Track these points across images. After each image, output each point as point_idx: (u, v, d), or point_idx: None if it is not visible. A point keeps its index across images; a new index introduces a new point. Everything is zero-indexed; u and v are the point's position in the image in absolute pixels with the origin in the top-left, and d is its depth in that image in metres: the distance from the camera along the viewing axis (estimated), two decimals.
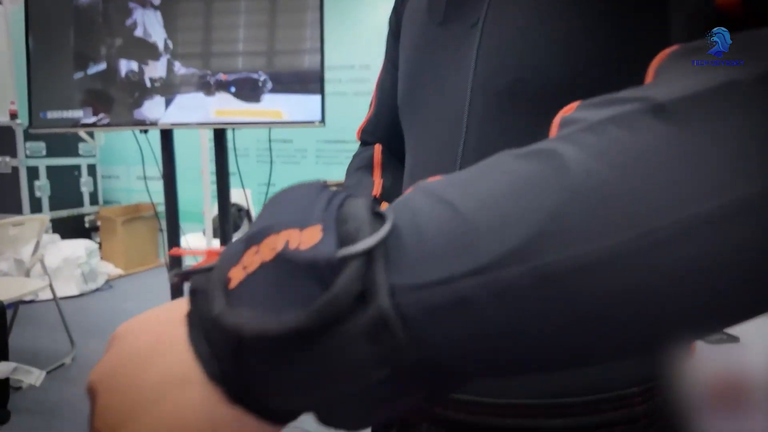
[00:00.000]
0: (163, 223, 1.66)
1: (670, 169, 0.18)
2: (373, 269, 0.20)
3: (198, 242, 3.33)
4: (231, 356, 0.21)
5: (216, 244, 3.29)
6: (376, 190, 0.58)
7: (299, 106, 1.49)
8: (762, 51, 0.21)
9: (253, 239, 0.22)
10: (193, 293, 0.23)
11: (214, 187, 3.76)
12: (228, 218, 1.68)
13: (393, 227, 0.21)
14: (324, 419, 0.22)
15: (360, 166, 0.64)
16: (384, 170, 0.62)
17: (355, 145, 0.71)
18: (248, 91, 1.48)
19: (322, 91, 1.46)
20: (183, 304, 0.25)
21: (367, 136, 0.68)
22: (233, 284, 0.21)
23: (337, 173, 3.84)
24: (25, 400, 2.06)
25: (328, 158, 3.85)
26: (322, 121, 1.48)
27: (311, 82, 1.46)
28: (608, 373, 0.43)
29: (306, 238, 0.20)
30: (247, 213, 3.47)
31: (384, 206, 0.53)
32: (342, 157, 3.81)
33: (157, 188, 1.86)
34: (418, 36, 0.50)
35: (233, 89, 1.50)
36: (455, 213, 0.20)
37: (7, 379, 1.89)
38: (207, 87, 1.51)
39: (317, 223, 0.21)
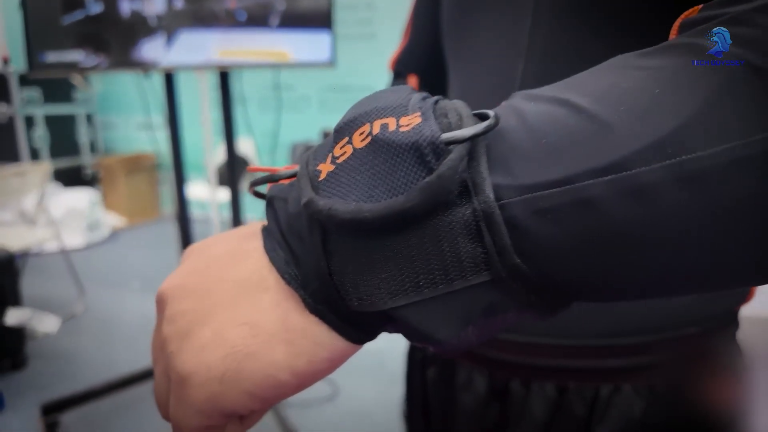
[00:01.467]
0: (164, 175, 1.63)
1: None
2: (477, 163, 0.18)
3: (201, 192, 3.30)
4: (315, 251, 0.19)
5: (221, 194, 3.26)
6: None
7: (307, 44, 1.42)
8: None
9: (344, 131, 0.19)
10: (270, 201, 0.22)
11: (217, 137, 3.71)
12: (235, 169, 1.64)
13: (498, 123, 0.18)
14: (409, 332, 0.20)
15: None
16: None
17: (360, 92, 0.66)
18: (259, 17, 1.40)
19: (330, 26, 1.38)
20: (255, 226, 0.24)
21: (401, 67, 0.63)
22: (323, 176, 0.19)
23: None
24: (40, 348, 2.09)
25: (334, 106, 3.75)
26: (332, 62, 1.41)
27: (319, 17, 1.39)
28: (663, 311, 0.42)
29: (404, 123, 0.18)
30: (247, 162, 3.42)
31: None
32: (347, 104, 3.70)
33: (157, 135, 1.81)
34: None
35: (243, 17, 1.42)
36: (578, 111, 0.18)
37: (21, 328, 1.91)
38: (212, 17, 1.42)
39: (416, 111, 0.18)
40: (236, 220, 1.67)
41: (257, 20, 1.40)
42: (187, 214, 1.70)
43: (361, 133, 0.19)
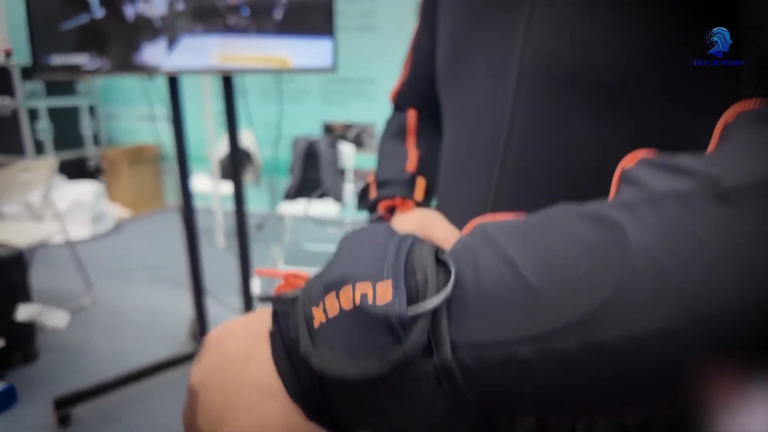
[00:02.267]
0: (167, 165, 1.66)
1: (724, 259, 0.19)
2: (439, 323, 0.23)
3: (204, 185, 3.33)
4: (313, 384, 0.25)
5: (223, 187, 3.30)
6: (411, 162, 0.57)
7: (308, 50, 1.44)
8: None
9: (333, 286, 0.24)
10: (276, 316, 0.27)
11: (219, 128, 3.73)
12: (239, 167, 1.67)
13: (456, 281, 0.23)
14: None
15: (394, 134, 0.63)
16: (419, 139, 0.61)
17: (361, 85, 0.70)
18: (262, 12, 1.42)
19: (332, 33, 1.40)
20: (265, 317, 0.28)
21: (401, 100, 0.66)
22: (316, 323, 0.24)
23: (343, 114, 3.77)
24: (50, 341, 2.15)
25: (334, 98, 3.77)
26: (334, 67, 1.44)
27: (321, 18, 1.40)
28: None
29: (380, 293, 0.23)
30: (251, 156, 3.45)
31: (420, 184, 0.52)
32: (348, 96, 3.73)
33: (159, 127, 1.83)
34: (459, 10, 0.47)
35: (246, 12, 1.43)
36: (518, 277, 0.22)
37: (31, 322, 1.97)
38: (215, 16, 1.44)
39: (388, 277, 0.23)
40: (239, 212, 1.69)
41: (260, 14, 1.41)
42: (192, 212, 1.73)
43: (346, 294, 0.24)
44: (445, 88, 0.52)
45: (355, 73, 3.57)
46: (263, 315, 0.29)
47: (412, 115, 0.63)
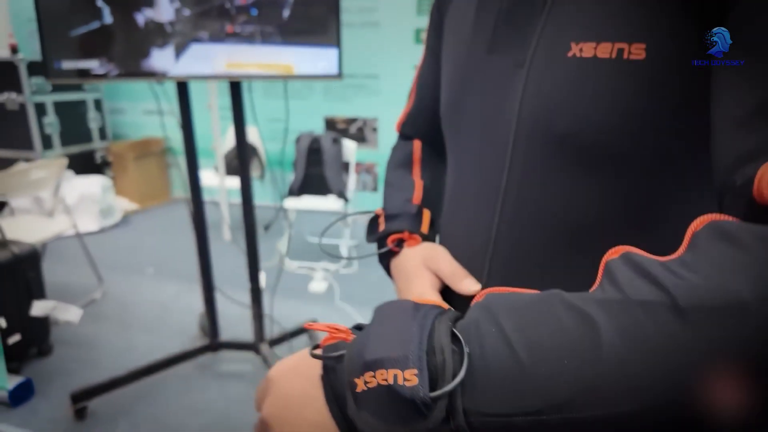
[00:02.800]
0: (173, 159, 1.70)
1: (672, 364, 0.25)
2: (455, 397, 0.30)
3: (210, 180, 3.38)
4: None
5: (229, 181, 3.35)
6: (417, 194, 0.60)
7: (314, 57, 1.47)
8: None
9: (370, 366, 0.31)
10: (326, 369, 0.34)
11: (224, 122, 3.76)
12: (247, 169, 1.72)
13: (468, 362, 0.30)
14: None
15: (400, 163, 0.66)
16: (424, 169, 0.64)
17: (365, 80, 0.72)
18: (271, 11, 1.45)
19: (338, 43, 1.43)
20: (313, 363, 0.36)
21: (406, 130, 0.69)
22: (358, 389, 0.31)
23: (345, 109, 3.80)
24: (64, 334, 2.22)
25: (336, 93, 3.79)
26: (339, 74, 1.47)
27: (327, 28, 1.43)
28: None
29: (408, 377, 0.30)
30: (255, 151, 3.49)
31: (426, 217, 0.55)
32: (350, 92, 3.75)
33: (165, 121, 1.87)
34: (462, 56, 0.50)
35: (255, 12, 1.46)
36: (515, 359, 0.29)
37: (46, 317, 2.03)
38: (224, 17, 1.47)
39: (414, 366, 0.30)
40: (247, 210, 1.74)
41: (269, 14, 1.44)
42: (203, 216, 1.78)
43: (381, 375, 0.30)
44: (449, 126, 0.55)
45: (358, 69, 3.59)
46: (310, 361, 0.36)
47: (417, 145, 0.66)
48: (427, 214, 0.57)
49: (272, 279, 2.66)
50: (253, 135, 3.53)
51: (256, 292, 1.83)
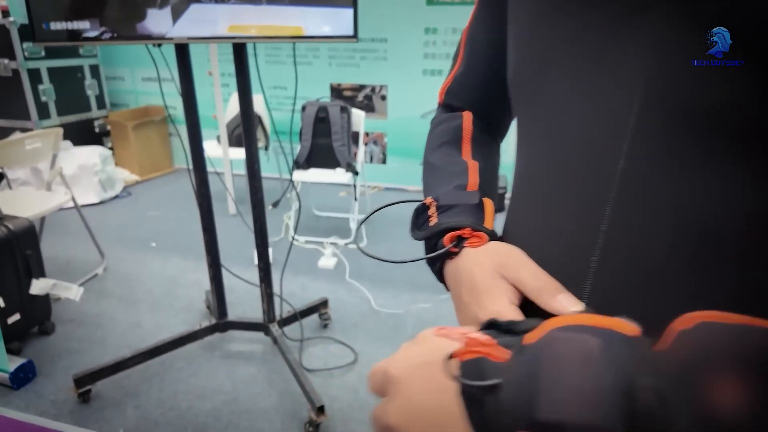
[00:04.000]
0: (174, 128, 1.59)
1: None
2: None
3: (213, 150, 3.26)
4: None
5: (233, 152, 3.22)
6: (473, 179, 0.48)
7: (322, 17, 1.34)
8: None
9: (546, 429, 0.24)
10: (470, 399, 0.27)
11: (225, 89, 3.61)
12: (254, 142, 1.60)
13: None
14: None
15: (445, 140, 0.54)
16: (476, 148, 0.53)
17: (373, 45, 0.60)
18: None
19: (354, 3, 1.29)
20: (440, 361, 0.29)
21: (451, 99, 0.57)
22: None
23: (351, 76, 3.63)
24: (67, 311, 2.15)
25: (343, 59, 3.62)
26: (355, 35, 1.34)
27: None
28: None
29: None
30: (260, 120, 3.35)
31: (489, 208, 0.45)
32: (357, 57, 3.58)
33: (165, 89, 1.75)
34: (543, 5, 0.39)
35: None
36: None
37: (46, 294, 1.96)
38: None
39: None
40: (253, 180, 1.63)
41: None
42: (208, 193, 1.68)
43: None
44: (522, 97, 0.44)
45: (365, 33, 3.41)
46: (440, 363, 0.29)
47: (467, 119, 0.54)
48: (490, 205, 0.46)
49: (279, 254, 2.57)
50: (258, 103, 3.39)
51: (265, 271, 1.74)
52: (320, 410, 1.49)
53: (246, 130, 1.60)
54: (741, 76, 0.29)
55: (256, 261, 1.73)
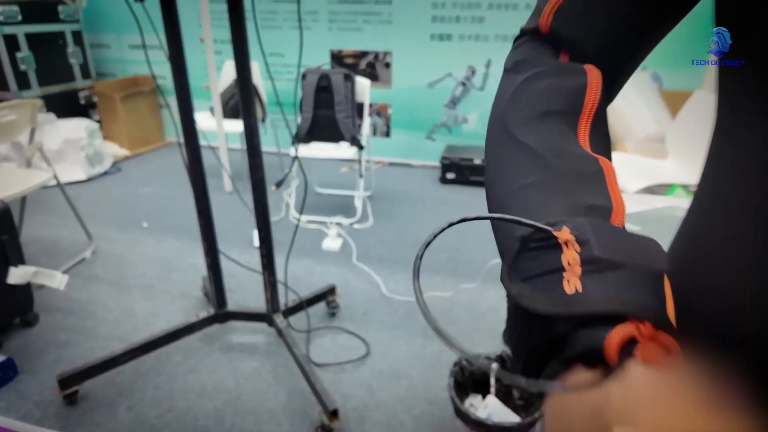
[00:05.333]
0: (164, 99, 1.43)
1: None
2: None
3: (206, 122, 3.05)
4: None
5: (227, 125, 3.01)
6: (617, 202, 0.29)
7: None
8: None
9: None
10: None
11: (218, 57, 3.37)
12: (253, 115, 1.41)
13: None
14: None
15: (554, 107, 0.34)
16: (595, 132, 0.34)
17: (375, 7, 0.40)
18: None
19: None
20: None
21: (567, 27, 0.36)
22: None
23: (352, 41, 3.40)
24: (52, 300, 1.99)
25: (344, 22, 3.37)
26: None
27: None
28: None
29: None
30: (256, 91, 3.13)
31: (667, 284, 0.28)
32: (359, 21, 3.33)
33: (154, 57, 1.56)
34: None
35: None
36: None
37: (28, 283, 1.79)
38: None
39: None
40: (253, 158, 1.44)
41: None
42: (200, 167, 1.50)
43: None
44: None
45: None
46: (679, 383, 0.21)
47: (597, 80, 0.34)
48: (662, 266, 0.26)
49: (278, 234, 2.37)
50: (254, 72, 3.16)
51: (268, 258, 1.58)
52: (333, 414, 1.34)
53: (244, 101, 1.40)
54: None
55: (255, 242, 1.56)
